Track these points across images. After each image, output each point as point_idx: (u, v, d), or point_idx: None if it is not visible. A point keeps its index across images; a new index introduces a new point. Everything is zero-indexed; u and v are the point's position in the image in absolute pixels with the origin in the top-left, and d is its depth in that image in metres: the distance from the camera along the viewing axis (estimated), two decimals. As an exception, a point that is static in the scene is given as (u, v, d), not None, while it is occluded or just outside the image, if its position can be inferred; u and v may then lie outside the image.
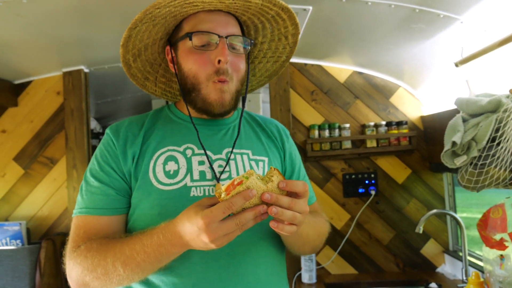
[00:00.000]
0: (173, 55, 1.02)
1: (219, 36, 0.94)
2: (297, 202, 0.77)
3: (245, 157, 1.03)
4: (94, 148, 3.01)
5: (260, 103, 3.39)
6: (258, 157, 1.05)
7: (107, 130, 1.02)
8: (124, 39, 0.97)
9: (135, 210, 0.96)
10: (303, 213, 0.78)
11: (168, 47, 1.04)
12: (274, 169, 0.78)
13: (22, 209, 2.33)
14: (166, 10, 0.92)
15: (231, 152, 1.01)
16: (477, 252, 2.11)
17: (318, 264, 2.31)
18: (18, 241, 2.21)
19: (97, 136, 3.29)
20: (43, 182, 2.35)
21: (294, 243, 1.00)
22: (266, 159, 1.06)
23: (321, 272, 2.32)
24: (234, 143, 1.02)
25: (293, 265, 2.27)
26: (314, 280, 2.19)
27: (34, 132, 2.36)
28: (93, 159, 1.01)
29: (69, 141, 2.33)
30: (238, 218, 0.73)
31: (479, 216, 1.62)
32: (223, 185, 0.77)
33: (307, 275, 2.18)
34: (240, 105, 1.08)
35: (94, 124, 3.26)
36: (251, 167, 1.02)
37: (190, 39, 0.94)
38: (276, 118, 2.35)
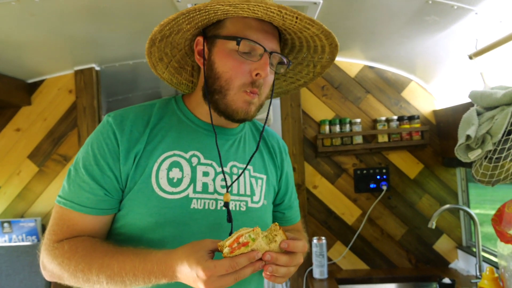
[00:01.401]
0: (205, 48, 0.95)
1: (265, 50, 0.90)
2: (294, 258, 0.80)
3: (246, 173, 1.02)
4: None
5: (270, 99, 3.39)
6: (258, 175, 1.04)
7: (109, 119, 0.93)
8: (168, 19, 0.89)
9: (129, 213, 0.91)
10: (297, 266, 0.82)
11: (200, 38, 0.96)
12: (278, 227, 0.80)
13: (37, 206, 2.37)
14: (225, 8, 0.86)
15: (245, 168, 0.99)
16: (491, 248, 2.09)
17: (329, 259, 2.31)
18: (33, 237, 2.25)
19: (109, 133, 3.32)
20: (57, 179, 2.38)
21: None
22: (264, 177, 1.06)
23: (333, 268, 2.32)
24: (249, 161, 0.99)
25: (304, 261, 2.27)
26: (325, 276, 2.18)
27: (48, 130, 2.39)
28: (88, 146, 0.92)
29: (82, 139, 2.36)
30: (238, 274, 0.75)
31: (493, 212, 1.60)
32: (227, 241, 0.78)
33: (318, 270, 2.18)
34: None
35: (105, 122, 3.29)
36: (251, 185, 1.01)
37: (238, 44, 0.88)
38: (287, 113, 2.35)
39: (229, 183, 0.96)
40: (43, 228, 2.28)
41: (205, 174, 0.94)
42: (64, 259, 0.85)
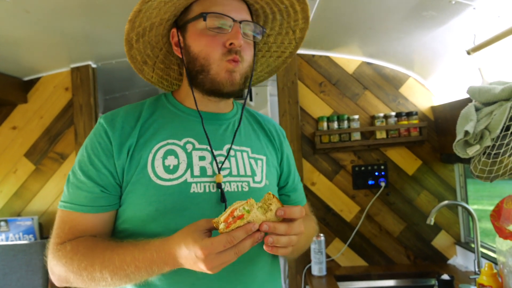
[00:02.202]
0: (180, 38, 0.98)
1: (234, 20, 0.91)
2: (293, 226, 0.78)
3: (244, 154, 1.01)
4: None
5: (267, 96, 3.38)
6: (257, 156, 1.04)
7: (101, 120, 0.96)
8: (133, 13, 0.93)
9: (129, 206, 0.92)
10: (298, 235, 0.80)
11: (174, 30, 0.99)
12: (272, 195, 0.78)
13: (34, 204, 2.36)
14: None
15: (230, 148, 0.98)
16: (490, 243, 2.09)
17: (328, 256, 2.31)
18: (31, 235, 2.24)
19: (106, 131, 3.31)
20: (54, 177, 2.37)
21: None
22: (264, 157, 1.05)
23: (331, 265, 2.32)
24: (234, 137, 1.00)
25: (303, 258, 2.27)
26: (324, 273, 2.18)
27: (44, 128, 2.38)
28: (83, 149, 0.95)
29: (79, 137, 2.34)
30: (237, 248, 0.74)
31: (491, 208, 1.60)
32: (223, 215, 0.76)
33: (317, 267, 2.17)
34: (241, 99, 1.07)
35: (102, 120, 3.28)
36: (251, 165, 1.01)
37: (204, 20, 0.91)
38: (284, 110, 2.34)
39: (225, 165, 0.96)
40: (40, 226, 2.27)
41: (202, 158, 0.95)
42: (67, 260, 0.86)
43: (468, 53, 1.61)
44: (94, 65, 2.38)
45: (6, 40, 1.82)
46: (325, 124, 2.30)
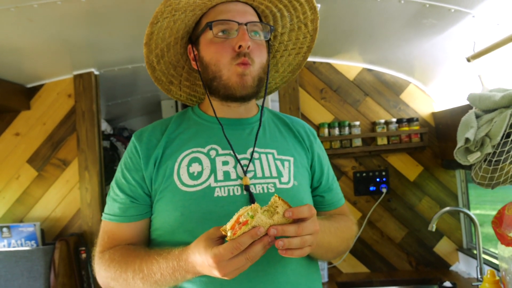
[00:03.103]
0: (195, 52, 1.02)
1: (239, 24, 0.94)
2: (305, 226, 0.77)
3: (270, 156, 1.02)
4: (105, 149, 3.05)
5: (269, 102, 3.39)
6: (283, 157, 1.03)
7: (132, 137, 1.04)
8: (146, 36, 0.98)
9: (159, 213, 0.97)
10: (313, 234, 0.79)
11: (190, 46, 1.04)
12: (278, 198, 0.77)
13: (36, 211, 2.37)
14: (185, 1, 0.93)
15: (253, 150, 1.00)
16: (492, 249, 2.08)
17: (329, 263, 2.30)
18: (33, 242, 2.24)
19: (108, 137, 3.32)
20: (56, 183, 2.38)
21: (315, 253, 0.98)
22: (291, 158, 1.04)
23: (333, 271, 2.31)
24: (256, 140, 1.01)
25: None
26: (325, 279, 2.18)
27: (47, 134, 2.39)
28: (119, 166, 1.04)
29: (81, 143, 2.36)
30: (248, 253, 0.74)
31: (493, 213, 1.60)
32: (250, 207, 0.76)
33: (319, 274, 2.17)
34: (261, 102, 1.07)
35: (104, 126, 3.29)
36: (277, 167, 1.01)
37: (211, 29, 0.95)
38: (286, 117, 2.35)
39: (249, 168, 0.97)
40: (42, 232, 2.28)
41: (225, 163, 0.97)
42: (106, 267, 0.94)
43: (468, 60, 1.62)
44: (96, 72, 2.39)
45: (10, 48, 1.84)
46: (326, 131, 2.31)
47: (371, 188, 2.33)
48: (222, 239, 0.79)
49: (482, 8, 1.40)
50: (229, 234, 0.74)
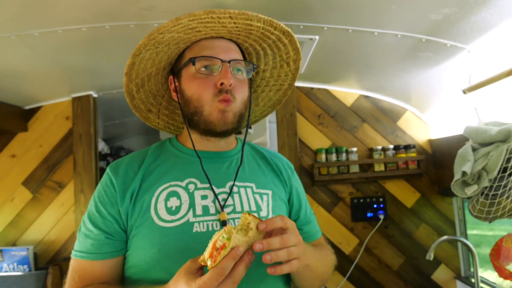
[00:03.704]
0: (176, 84, 1.02)
1: (222, 61, 0.95)
2: (288, 237, 0.77)
3: (249, 190, 1.01)
4: (102, 171, 3.03)
5: (266, 123, 3.40)
6: (262, 191, 1.03)
7: (108, 169, 1.00)
8: (128, 67, 0.98)
9: (135, 250, 0.93)
10: (298, 245, 0.79)
11: (171, 77, 1.04)
12: (248, 214, 0.77)
13: (29, 234, 2.33)
14: (169, 36, 0.94)
15: (233, 184, 0.99)
16: (490, 279, 2.06)
17: (326, 290, 2.27)
18: (25, 266, 2.21)
19: (105, 157, 3.31)
20: (51, 206, 2.35)
21: (305, 278, 0.98)
22: (270, 192, 1.04)
23: (330, 299, 2.28)
24: (236, 175, 1.00)
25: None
26: (322, 308, 2.14)
27: (43, 156, 2.38)
28: (92, 198, 0.99)
29: (77, 166, 2.34)
30: (233, 277, 0.73)
31: (490, 233, 1.60)
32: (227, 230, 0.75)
33: (316, 302, 2.14)
34: (242, 136, 1.07)
35: (102, 146, 3.28)
36: (255, 201, 1.00)
37: (194, 64, 0.95)
38: (283, 142, 2.35)
39: (229, 202, 0.96)
40: (35, 256, 2.24)
41: (204, 197, 0.95)
42: None
43: (464, 92, 1.64)
44: (95, 95, 2.40)
45: (9, 72, 1.84)
46: (323, 156, 2.31)
47: (369, 214, 2.32)
48: (201, 270, 0.77)
49: (477, 43, 1.42)
50: (209, 263, 0.73)
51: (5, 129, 2.29)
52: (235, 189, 0.99)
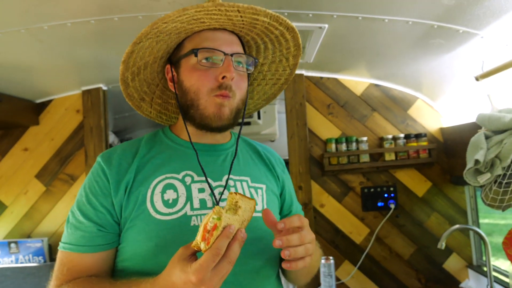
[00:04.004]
0: (174, 73, 1.00)
1: (225, 54, 0.93)
2: (305, 234, 0.79)
3: (244, 184, 1.01)
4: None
5: (275, 114, 3.39)
6: (256, 185, 1.03)
7: (99, 158, 0.97)
8: (126, 54, 0.96)
9: (129, 243, 0.91)
10: (312, 242, 0.81)
11: (168, 66, 1.02)
12: (234, 193, 0.78)
13: (43, 226, 2.38)
14: (172, 25, 0.92)
15: (228, 178, 0.98)
16: (502, 267, 2.05)
17: (337, 279, 2.28)
18: (40, 257, 2.25)
19: (115, 150, 3.33)
20: (64, 198, 2.39)
21: (302, 273, 1.01)
22: (264, 186, 1.05)
23: (341, 288, 2.29)
24: (231, 167, 1.00)
25: (312, 281, 2.24)
26: (333, 297, 2.15)
27: (55, 149, 2.41)
28: (81, 189, 0.96)
29: (89, 158, 2.37)
30: (229, 256, 0.73)
31: (502, 222, 1.59)
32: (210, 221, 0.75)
33: (327, 291, 2.15)
34: (237, 129, 1.07)
35: (112, 138, 3.31)
36: (251, 194, 1.00)
37: (196, 55, 0.93)
38: (293, 132, 2.34)
39: (225, 195, 0.96)
40: (50, 248, 2.29)
41: (201, 190, 0.94)
42: None
43: (477, 79, 1.61)
44: (105, 88, 2.41)
45: (20, 66, 1.86)
46: (333, 146, 2.30)
47: (379, 204, 2.31)
48: (194, 256, 0.76)
49: (490, 29, 1.39)
50: (202, 246, 0.73)
51: (18, 123, 2.32)
52: (231, 182, 0.99)
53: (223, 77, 0.91)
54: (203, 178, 0.96)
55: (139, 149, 0.99)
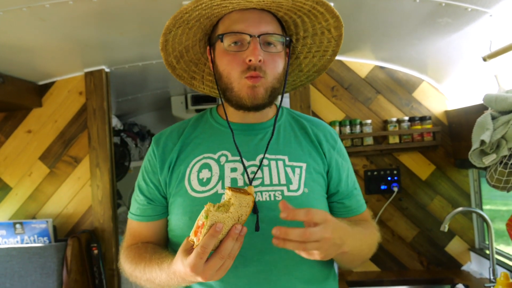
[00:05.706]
0: (212, 55, 1.02)
1: (251, 36, 0.92)
2: (312, 232, 0.76)
3: (280, 163, 1.00)
4: (115, 145, 3.06)
5: (279, 96, 3.37)
6: (294, 163, 1.01)
7: (152, 140, 1.08)
8: (161, 44, 0.99)
9: (172, 216, 1.01)
10: (320, 241, 0.77)
11: (208, 48, 1.04)
12: (228, 189, 0.78)
13: (48, 207, 2.39)
14: (196, 13, 0.93)
15: (263, 157, 0.98)
16: (505, 250, 2.06)
17: (339, 261, 2.30)
18: (45, 238, 2.28)
19: (118, 133, 3.34)
20: (68, 180, 2.40)
21: (342, 260, 0.99)
22: (304, 165, 1.01)
23: (343, 270, 2.31)
24: (267, 148, 0.99)
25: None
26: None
27: (58, 131, 2.41)
28: (141, 167, 1.09)
29: (92, 140, 2.37)
30: (221, 252, 0.77)
31: (504, 208, 1.58)
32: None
33: (329, 272, 2.17)
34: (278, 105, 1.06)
35: (115, 122, 3.30)
36: (286, 174, 0.99)
37: (222, 41, 0.95)
38: (296, 115, 2.33)
39: (258, 175, 0.97)
40: (55, 229, 2.31)
41: (233, 170, 0.98)
42: (124, 262, 1.03)
43: (484, 59, 1.59)
44: (107, 70, 2.40)
45: (22, 47, 1.84)
46: (337, 129, 2.29)
47: (382, 187, 2.31)
48: (192, 249, 0.81)
49: (500, 7, 1.36)
50: (195, 241, 0.77)
51: (21, 105, 2.31)
52: (265, 161, 0.99)
53: (250, 60, 0.92)
54: (237, 158, 0.99)
55: (185, 130, 1.06)
